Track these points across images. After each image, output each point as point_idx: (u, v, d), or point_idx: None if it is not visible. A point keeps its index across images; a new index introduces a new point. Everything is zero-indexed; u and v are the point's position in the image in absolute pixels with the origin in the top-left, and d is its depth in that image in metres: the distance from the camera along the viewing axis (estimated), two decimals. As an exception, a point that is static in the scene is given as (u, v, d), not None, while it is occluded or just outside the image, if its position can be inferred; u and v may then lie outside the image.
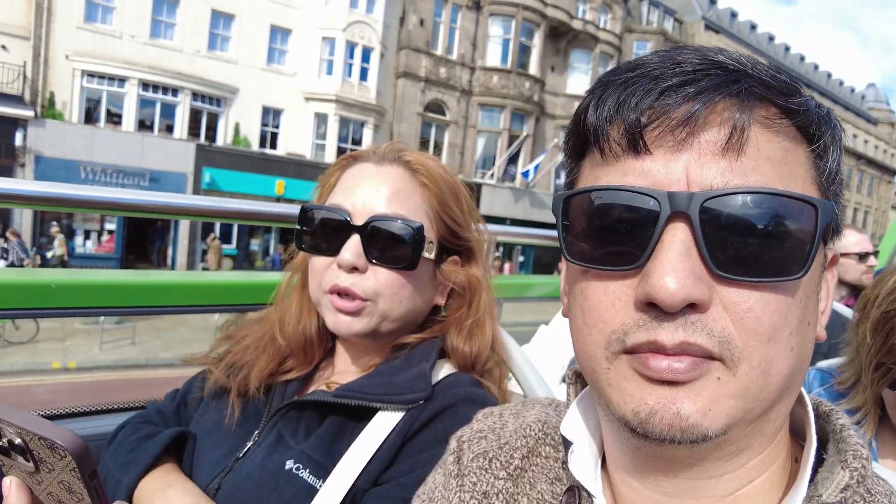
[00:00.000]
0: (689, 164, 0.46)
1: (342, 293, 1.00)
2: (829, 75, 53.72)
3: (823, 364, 1.60)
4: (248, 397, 1.08)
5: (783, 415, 0.51)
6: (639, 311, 0.46)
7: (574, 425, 0.61)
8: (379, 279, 1.00)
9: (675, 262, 0.44)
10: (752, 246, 0.45)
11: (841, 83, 55.40)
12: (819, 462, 0.51)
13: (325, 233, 1.02)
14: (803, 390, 0.55)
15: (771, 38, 47.20)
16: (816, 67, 52.22)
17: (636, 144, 0.47)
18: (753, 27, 45.49)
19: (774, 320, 0.45)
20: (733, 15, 43.61)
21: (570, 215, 0.52)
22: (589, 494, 0.56)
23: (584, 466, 0.58)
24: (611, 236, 0.49)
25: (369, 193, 1.02)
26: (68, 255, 17.45)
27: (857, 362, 1.38)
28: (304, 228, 1.05)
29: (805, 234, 0.46)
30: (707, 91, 0.46)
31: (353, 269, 1.00)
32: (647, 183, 0.47)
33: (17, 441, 0.61)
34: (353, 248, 0.99)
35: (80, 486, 0.60)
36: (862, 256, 3.00)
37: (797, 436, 0.57)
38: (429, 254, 1.04)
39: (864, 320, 1.34)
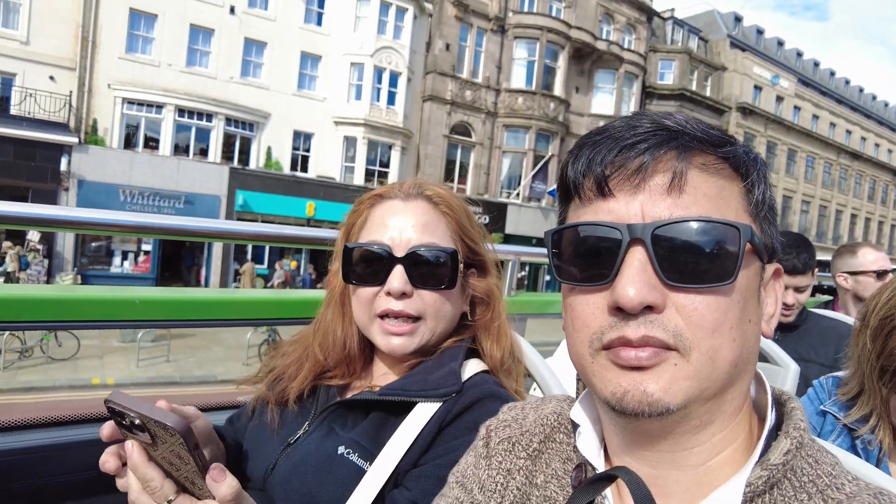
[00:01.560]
0: (643, 203, 0.60)
1: (394, 316, 1.14)
2: (861, 90, 52.68)
3: (840, 373, 1.66)
4: (287, 405, 1.21)
5: (739, 397, 0.63)
6: (611, 315, 0.59)
7: (582, 412, 0.73)
8: (425, 300, 1.15)
9: (633, 275, 0.57)
10: (692, 260, 0.57)
11: (874, 97, 54.23)
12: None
13: (369, 266, 1.15)
14: (767, 382, 0.67)
15: (799, 55, 46.59)
16: (847, 82, 51.25)
17: (603, 190, 0.62)
18: (781, 43, 45.01)
19: (716, 317, 0.57)
20: (759, 32, 43.28)
21: (557, 246, 0.66)
22: (594, 468, 0.68)
23: (590, 446, 0.70)
24: (588, 260, 0.62)
25: (403, 227, 1.16)
26: (20, 270, 17.00)
27: (860, 371, 1.41)
28: (350, 264, 1.18)
29: (732, 249, 0.58)
30: (654, 147, 0.60)
31: (402, 295, 1.14)
32: (613, 218, 0.60)
33: (138, 422, 0.79)
34: (399, 276, 1.13)
35: (187, 454, 0.78)
36: (880, 274, 3.01)
37: (764, 422, 0.66)
38: (461, 273, 1.19)
39: (864, 329, 1.38)
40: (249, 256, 21.47)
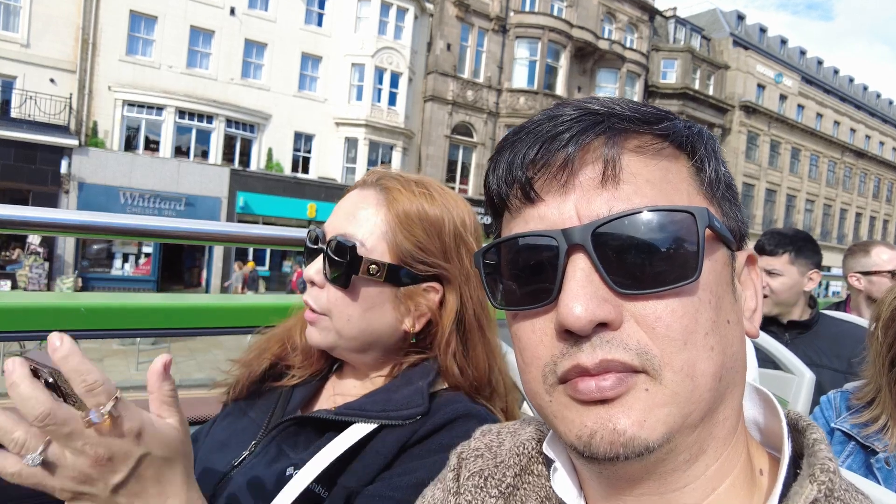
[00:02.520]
0: (577, 202, 0.50)
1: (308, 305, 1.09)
2: (866, 88, 52.46)
3: (850, 385, 1.57)
4: (254, 395, 1.17)
5: (733, 415, 0.53)
6: (560, 340, 0.49)
7: (557, 445, 0.62)
8: (329, 295, 1.05)
9: (577, 289, 0.47)
10: (645, 260, 0.48)
11: (878, 95, 54.02)
12: (795, 477, 0.51)
13: (313, 253, 1.11)
14: (779, 406, 0.56)
15: (803, 53, 46.38)
16: (852, 80, 51.03)
17: (529, 195, 0.52)
18: (784, 42, 44.80)
19: (685, 324, 0.47)
20: (762, 30, 43.10)
21: (490, 269, 0.56)
22: None
23: (567, 486, 0.60)
24: (526, 278, 0.52)
25: (339, 215, 1.09)
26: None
27: (875, 370, 1.37)
28: (305, 249, 1.15)
29: (690, 239, 0.48)
30: (577, 136, 0.51)
31: (313, 284, 1.08)
32: (545, 226, 0.51)
33: (51, 381, 0.69)
34: (315, 264, 1.07)
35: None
36: (895, 274, 2.91)
37: (773, 449, 0.57)
38: (370, 275, 1.02)
39: (877, 324, 1.36)
40: (251, 258, 21.42)
